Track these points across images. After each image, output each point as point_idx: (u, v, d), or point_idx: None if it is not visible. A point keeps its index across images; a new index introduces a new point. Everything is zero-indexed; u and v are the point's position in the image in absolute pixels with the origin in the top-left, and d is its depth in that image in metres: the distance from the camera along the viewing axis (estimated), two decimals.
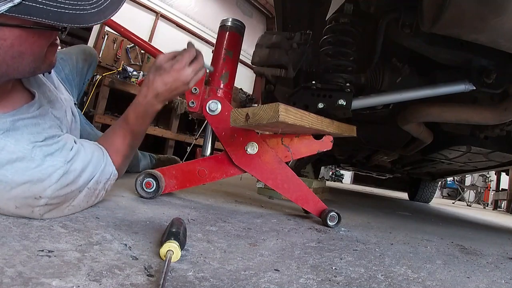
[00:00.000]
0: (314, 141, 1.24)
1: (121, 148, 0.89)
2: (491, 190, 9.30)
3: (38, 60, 0.65)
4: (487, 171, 6.26)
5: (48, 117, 0.75)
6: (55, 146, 0.69)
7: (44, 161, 0.66)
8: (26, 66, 0.63)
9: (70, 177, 0.70)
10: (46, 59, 0.67)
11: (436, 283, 0.67)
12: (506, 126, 1.60)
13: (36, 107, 0.72)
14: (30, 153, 0.64)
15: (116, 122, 0.93)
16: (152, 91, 0.88)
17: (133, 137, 0.91)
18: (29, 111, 0.70)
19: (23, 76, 0.68)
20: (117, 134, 0.90)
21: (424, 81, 1.38)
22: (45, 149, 0.67)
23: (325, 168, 9.97)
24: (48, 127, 0.72)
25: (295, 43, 1.37)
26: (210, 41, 6.67)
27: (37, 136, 0.67)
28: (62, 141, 0.72)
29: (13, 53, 0.58)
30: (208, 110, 1.18)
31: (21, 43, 0.58)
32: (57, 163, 0.67)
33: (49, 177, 0.66)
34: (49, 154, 0.67)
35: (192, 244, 0.68)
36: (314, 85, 1.23)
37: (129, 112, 0.90)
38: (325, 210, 1.16)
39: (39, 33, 0.60)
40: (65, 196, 0.70)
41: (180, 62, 0.88)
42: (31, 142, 0.65)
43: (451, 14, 0.83)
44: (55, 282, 0.41)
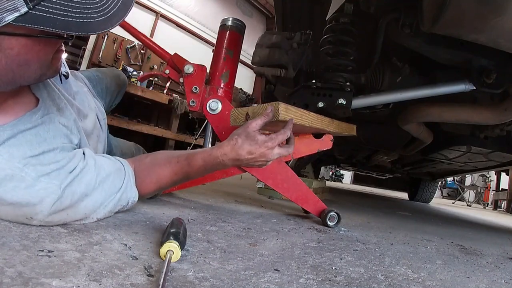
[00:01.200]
0: (314, 140, 1.24)
1: (163, 181, 0.83)
2: (491, 190, 9.29)
3: (44, 67, 0.64)
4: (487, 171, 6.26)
5: (53, 126, 0.70)
6: (52, 166, 0.65)
7: (36, 182, 0.62)
8: (32, 73, 0.62)
9: (66, 202, 0.65)
10: (52, 65, 0.66)
11: (436, 283, 0.67)
12: (506, 126, 1.60)
13: (40, 114, 0.69)
14: (20, 172, 0.61)
15: (176, 154, 0.86)
16: (234, 154, 0.83)
17: (183, 179, 0.85)
18: (32, 120, 0.67)
19: (29, 83, 0.65)
20: (169, 166, 0.83)
21: (424, 81, 1.38)
22: (39, 169, 0.63)
23: (325, 168, 9.97)
24: (51, 137, 0.68)
25: (295, 43, 1.36)
26: (210, 41, 6.68)
27: (33, 149, 0.64)
28: (64, 160, 0.67)
29: (20, 61, 0.58)
30: (209, 109, 1.19)
31: (27, 52, 0.58)
32: (51, 187, 0.63)
33: (40, 202, 0.62)
34: (44, 175, 0.63)
35: (192, 244, 0.68)
36: (314, 84, 1.23)
37: (197, 157, 0.83)
38: (325, 210, 1.16)
39: (45, 41, 0.60)
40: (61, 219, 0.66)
41: (273, 142, 0.84)
42: (24, 159, 0.62)
43: (451, 14, 0.83)
44: (55, 282, 0.41)
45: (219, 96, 1.20)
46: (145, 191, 0.83)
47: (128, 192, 0.78)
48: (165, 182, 0.84)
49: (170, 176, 0.83)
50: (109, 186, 0.73)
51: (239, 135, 0.83)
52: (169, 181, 0.84)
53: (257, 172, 1.17)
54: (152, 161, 0.85)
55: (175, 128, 5.00)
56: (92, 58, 5.36)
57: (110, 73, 1.47)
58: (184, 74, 1.19)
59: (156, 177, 0.83)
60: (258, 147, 0.83)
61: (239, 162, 0.85)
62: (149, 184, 0.83)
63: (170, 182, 0.84)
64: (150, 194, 0.86)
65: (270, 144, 0.84)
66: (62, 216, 0.65)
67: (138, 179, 0.82)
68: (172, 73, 1.24)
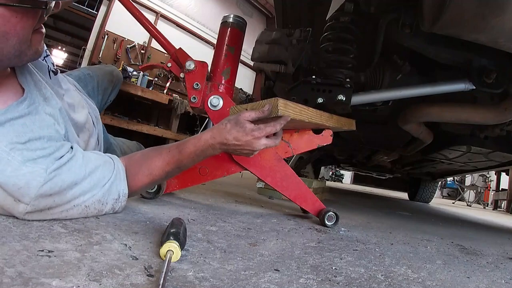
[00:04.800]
0: (314, 136, 1.24)
1: (156, 172, 0.83)
2: (491, 190, 9.29)
3: (23, 43, 0.64)
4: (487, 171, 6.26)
5: (39, 117, 0.71)
6: (39, 152, 0.66)
7: (22, 166, 0.63)
8: (11, 48, 0.63)
9: (54, 187, 0.66)
10: (31, 45, 0.67)
11: (436, 283, 0.67)
12: (506, 126, 1.60)
13: (27, 104, 0.70)
14: (7, 155, 0.62)
15: (164, 147, 0.87)
16: (222, 138, 0.85)
17: (176, 168, 0.85)
18: (19, 109, 0.68)
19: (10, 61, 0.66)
20: (160, 157, 0.84)
21: (424, 80, 1.38)
22: (26, 154, 0.64)
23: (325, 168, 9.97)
24: (38, 127, 0.69)
25: (294, 39, 1.37)
26: (210, 41, 6.68)
27: (20, 137, 0.65)
28: (51, 148, 0.68)
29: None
30: (210, 105, 1.19)
31: (5, 23, 0.59)
32: (37, 170, 0.64)
33: (26, 184, 0.62)
34: (31, 160, 0.64)
35: (192, 244, 0.68)
36: (314, 80, 1.23)
37: (188, 143, 0.85)
38: (323, 210, 1.16)
39: (22, 13, 0.61)
40: (49, 206, 0.67)
41: (261, 132, 0.86)
42: (10, 143, 0.63)
43: (451, 14, 0.83)
44: (55, 282, 0.41)
45: (220, 93, 1.20)
46: (138, 185, 0.83)
47: (118, 184, 0.78)
48: (158, 173, 0.84)
49: (162, 167, 0.83)
50: (98, 176, 0.74)
51: (230, 120, 0.86)
52: (162, 172, 0.84)
53: (256, 170, 1.17)
54: (144, 155, 0.86)
55: (175, 128, 5.00)
56: (92, 58, 5.35)
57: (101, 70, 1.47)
58: (186, 70, 1.19)
59: (148, 169, 0.83)
60: (245, 135, 0.85)
61: (226, 147, 0.86)
62: (141, 178, 0.82)
63: (163, 174, 0.84)
64: (144, 187, 0.86)
65: (257, 134, 0.86)
66: (48, 202, 0.66)
67: (130, 174, 0.82)
68: (174, 67, 1.24)
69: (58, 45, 10.21)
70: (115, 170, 0.78)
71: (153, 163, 0.84)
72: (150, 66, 1.85)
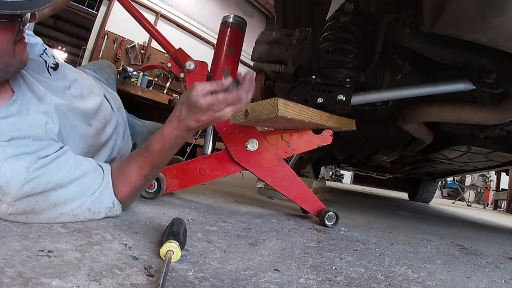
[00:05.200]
0: (314, 136, 1.24)
1: (134, 178, 0.80)
2: (491, 190, 9.29)
3: (6, 56, 0.65)
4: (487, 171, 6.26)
5: (30, 117, 0.71)
6: (21, 149, 0.65)
7: (3, 163, 0.62)
8: None
9: (36, 188, 0.64)
10: (15, 56, 0.67)
11: (436, 283, 0.67)
12: (506, 126, 1.60)
13: (17, 106, 0.70)
14: None
15: (135, 150, 0.84)
16: (183, 125, 0.77)
17: (152, 168, 0.82)
18: (8, 110, 0.68)
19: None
20: (133, 163, 0.81)
21: (424, 80, 1.38)
22: (7, 150, 0.63)
23: (325, 168, 9.96)
24: (26, 126, 0.69)
25: (294, 39, 1.37)
26: (210, 41, 6.67)
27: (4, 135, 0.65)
28: (35, 147, 0.67)
29: None
30: None
31: None
32: (18, 168, 0.63)
33: (6, 182, 0.62)
34: (12, 156, 0.63)
35: (192, 244, 0.68)
36: (314, 80, 1.23)
37: (153, 142, 0.80)
38: (323, 210, 1.16)
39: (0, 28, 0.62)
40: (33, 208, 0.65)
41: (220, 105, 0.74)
42: None
43: (451, 14, 0.83)
44: (55, 282, 0.41)
45: None
46: (122, 196, 0.80)
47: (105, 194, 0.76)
48: (136, 179, 0.80)
49: (137, 171, 0.80)
50: (88, 182, 0.72)
51: (182, 103, 0.76)
52: (139, 176, 0.80)
53: (256, 170, 1.17)
54: (119, 164, 0.83)
55: None
56: (92, 58, 5.35)
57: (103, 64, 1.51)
58: (186, 70, 1.19)
59: (125, 177, 0.80)
60: (203, 113, 0.74)
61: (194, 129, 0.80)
62: (122, 188, 0.79)
63: (141, 178, 0.81)
64: (128, 197, 0.82)
65: (216, 108, 0.74)
66: (30, 202, 0.64)
67: (115, 187, 0.79)
68: (173, 67, 1.25)
69: (58, 45, 10.21)
70: (105, 177, 0.76)
71: (128, 170, 0.80)
72: (150, 66, 1.85)
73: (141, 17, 1.27)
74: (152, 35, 1.30)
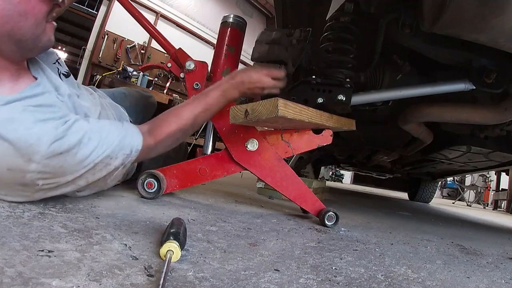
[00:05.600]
0: (314, 136, 1.24)
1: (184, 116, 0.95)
2: (491, 190, 9.29)
3: (39, 26, 0.72)
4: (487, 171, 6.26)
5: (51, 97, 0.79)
6: (49, 115, 0.72)
7: (33, 125, 0.68)
8: (28, 28, 0.71)
9: (63, 145, 0.70)
10: (45, 32, 0.75)
11: (436, 283, 0.67)
12: (506, 126, 1.60)
13: (41, 88, 0.77)
14: (20, 115, 0.68)
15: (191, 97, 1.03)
16: (239, 78, 1.03)
17: (203, 110, 0.98)
18: (33, 90, 0.75)
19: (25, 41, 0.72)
20: (189, 104, 0.98)
21: (424, 80, 1.38)
22: (36, 115, 0.70)
23: (325, 168, 9.97)
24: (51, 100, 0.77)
25: (294, 39, 1.37)
26: (210, 41, 6.67)
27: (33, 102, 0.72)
28: (59, 113, 0.74)
29: (20, 10, 0.68)
30: None
31: (26, 2, 0.68)
32: (47, 128, 0.69)
33: (37, 140, 0.67)
34: (41, 120, 0.70)
35: (192, 244, 0.68)
36: (314, 80, 1.23)
37: (211, 88, 1.02)
38: (323, 210, 1.16)
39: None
40: (60, 167, 0.71)
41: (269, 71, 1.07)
42: (23, 106, 0.70)
43: (451, 14, 0.83)
44: (55, 282, 0.41)
45: None
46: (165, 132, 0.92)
47: (129, 139, 0.84)
48: (187, 117, 0.95)
49: (191, 110, 0.96)
50: (107, 134, 0.80)
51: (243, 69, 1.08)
52: (191, 115, 0.96)
53: (256, 170, 1.17)
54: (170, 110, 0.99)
55: None
56: (92, 58, 5.35)
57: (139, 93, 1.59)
58: (186, 70, 1.19)
59: (175, 116, 0.95)
60: (257, 73, 1.05)
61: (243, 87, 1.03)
62: (169, 124, 0.93)
63: (191, 117, 0.96)
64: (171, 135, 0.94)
65: (265, 72, 1.07)
66: (59, 160, 0.71)
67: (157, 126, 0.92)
68: (174, 67, 1.25)
69: (58, 45, 10.21)
70: (123, 128, 0.85)
71: (181, 110, 0.96)
72: (150, 66, 1.85)
73: (141, 17, 1.27)
74: (152, 35, 1.30)
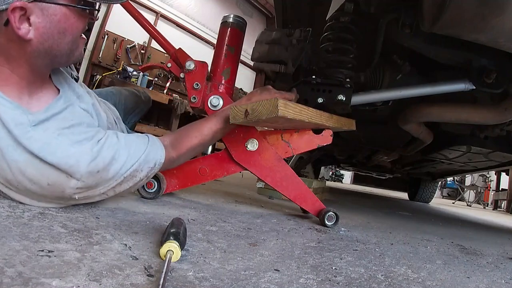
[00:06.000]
0: (314, 136, 1.24)
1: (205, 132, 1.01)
2: (491, 190, 9.29)
3: (74, 43, 0.77)
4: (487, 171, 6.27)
5: (77, 109, 0.83)
6: (83, 135, 0.75)
7: (70, 148, 0.71)
8: (65, 44, 0.74)
9: (99, 164, 0.74)
10: (78, 47, 0.79)
11: (436, 283, 0.67)
12: (506, 126, 1.60)
13: (63, 101, 0.80)
14: (56, 140, 0.71)
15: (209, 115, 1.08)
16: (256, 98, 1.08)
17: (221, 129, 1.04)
18: (58, 105, 0.78)
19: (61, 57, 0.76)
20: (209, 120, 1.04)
21: (424, 80, 1.38)
22: (71, 137, 0.73)
23: (325, 168, 9.97)
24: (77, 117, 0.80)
25: (294, 39, 1.37)
26: (210, 41, 6.68)
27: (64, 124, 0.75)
28: (91, 132, 0.78)
29: (60, 28, 0.72)
30: (210, 105, 1.19)
31: (66, 20, 0.72)
32: (83, 150, 0.73)
33: (77, 161, 0.71)
34: (76, 142, 0.73)
35: (192, 244, 0.68)
36: (314, 80, 1.23)
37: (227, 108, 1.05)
38: (323, 210, 1.16)
39: (78, 15, 0.74)
40: (96, 183, 0.75)
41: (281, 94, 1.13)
42: (57, 129, 0.73)
43: (451, 14, 0.83)
44: (55, 282, 0.41)
45: (220, 93, 1.20)
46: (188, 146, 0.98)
47: (154, 153, 0.87)
48: (207, 133, 1.01)
49: (210, 127, 1.02)
50: (134, 150, 0.83)
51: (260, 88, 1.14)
52: (210, 131, 1.02)
53: (256, 170, 1.17)
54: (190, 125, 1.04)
55: (175, 128, 5.01)
56: (92, 58, 5.35)
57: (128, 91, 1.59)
58: (186, 70, 1.19)
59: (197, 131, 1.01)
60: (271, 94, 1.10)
61: None
62: (191, 139, 0.99)
63: (211, 133, 1.02)
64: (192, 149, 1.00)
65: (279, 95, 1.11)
66: (96, 178, 0.74)
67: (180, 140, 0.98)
68: (173, 67, 1.25)
69: None
70: (149, 141, 0.88)
71: (202, 126, 1.02)
72: (150, 66, 1.85)
73: (141, 17, 1.27)
74: (151, 35, 1.30)
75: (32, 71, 0.74)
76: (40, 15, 0.68)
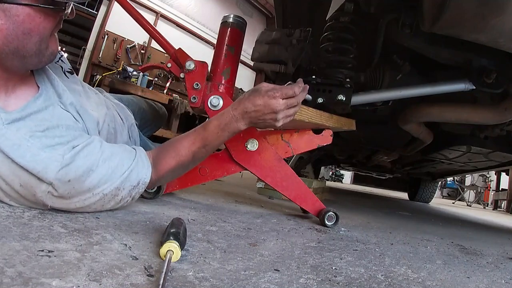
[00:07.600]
0: (314, 136, 1.24)
1: (182, 152, 0.87)
2: (491, 190, 9.29)
3: (43, 43, 0.72)
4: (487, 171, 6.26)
5: (57, 110, 0.78)
6: (57, 139, 0.71)
7: (41, 152, 0.68)
8: (32, 45, 0.70)
9: (70, 173, 0.69)
10: (49, 46, 0.74)
11: (436, 283, 0.67)
12: (506, 126, 1.60)
13: (43, 99, 0.76)
14: (27, 142, 0.67)
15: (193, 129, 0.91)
16: (242, 107, 0.87)
17: (202, 146, 0.88)
18: (36, 104, 0.74)
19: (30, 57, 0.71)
20: (186, 138, 0.89)
21: (424, 80, 1.38)
22: (44, 141, 0.69)
23: (325, 168, 9.97)
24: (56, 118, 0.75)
25: (294, 39, 1.37)
26: (210, 41, 6.67)
27: (39, 126, 0.71)
28: (68, 137, 0.73)
29: (24, 29, 0.67)
30: (210, 105, 1.18)
31: (31, 21, 0.67)
32: (54, 156, 0.69)
33: (44, 168, 0.67)
34: (49, 146, 0.69)
35: (192, 244, 0.68)
36: (314, 80, 1.23)
37: (212, 119, 0.89)
38: (323, 210, 1.16)
39: (44, 14, 0.69)
40: (68, 192, 0.71)
41: (276, 91, 0.86)
42: (30, 131, 0.69)
43: (451, 14, 0.83)
44: (55, 282, 0.41)
45: (220, 93, 1.20)
46: (165, 168, 0.87)
47: (138, 171, 0.80)
48: (184, 153, 0.87)
49: (188, 146, 0.87)
50: (116, 164, 0.77)
51: (249, 90, 0.90)
52: (188, 152, 0.87)
53: (256, 170, 1.17)
54: (171, 141, 0.91)
55: (175, 128, 5.00)
56: (92, 58, 5.36)
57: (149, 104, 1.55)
58: (186, 70, 1.19)
59: (174, 150, 0.87)
60: (261, 96, 0.86)
61: (248, 117, 0.87)
62: (168, 160, 0.86)
63: (189, 154, 0.87)
64: (171, 171, 0.88)
65: (272, 93, 0.85)
66: (68, 187, 0.70)
67: (158, 160, 0.86)
68: (173, 67, 1.24)
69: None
70: (136, 158, 0.81)
71: (179, 144, 0.88)
72: (150, 67, 1.84)
73: (140, 17, 1.27)
74: (151, 35, 1.30)
75: (5, 70, 0.72)
76: (2, 16, 0.65)
